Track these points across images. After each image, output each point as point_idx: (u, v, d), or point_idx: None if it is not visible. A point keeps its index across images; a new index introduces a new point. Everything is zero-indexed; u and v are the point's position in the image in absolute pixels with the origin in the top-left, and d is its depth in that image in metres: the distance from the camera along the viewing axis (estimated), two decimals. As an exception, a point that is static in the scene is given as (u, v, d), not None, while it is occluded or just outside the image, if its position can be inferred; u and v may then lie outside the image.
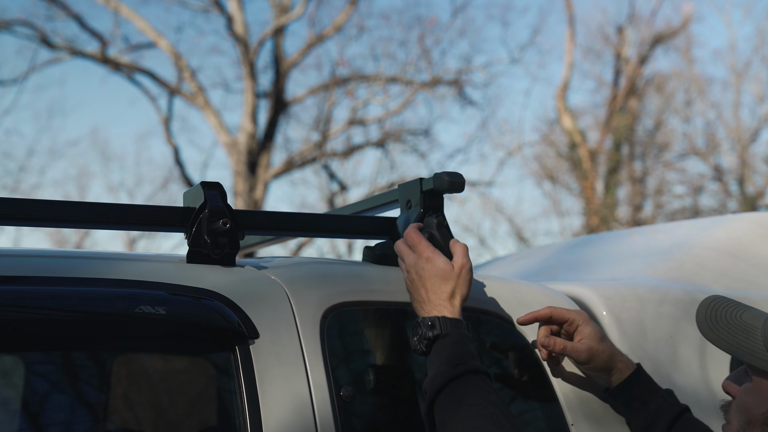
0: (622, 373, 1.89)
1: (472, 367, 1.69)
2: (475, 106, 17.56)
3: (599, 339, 1.87)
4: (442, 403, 1.67)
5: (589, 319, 1.90)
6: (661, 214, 19.89)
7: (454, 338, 1.72)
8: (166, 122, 15.94)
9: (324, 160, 16.70)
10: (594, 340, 1.87)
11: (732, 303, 1.60)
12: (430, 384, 1.70)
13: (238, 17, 15.38)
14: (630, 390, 1.89)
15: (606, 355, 1.87)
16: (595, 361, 1.87)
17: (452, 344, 1.71)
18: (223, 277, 1.74)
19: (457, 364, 1.69)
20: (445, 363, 1.69)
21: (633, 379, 1.89)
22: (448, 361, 1.69)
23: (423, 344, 1.73)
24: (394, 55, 17.05)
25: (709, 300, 1.61)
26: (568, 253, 3.19)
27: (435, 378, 1.69)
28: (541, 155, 20.65)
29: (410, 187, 1.98)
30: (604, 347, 1.87)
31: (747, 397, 1.53)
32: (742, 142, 19.40)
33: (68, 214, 1.75)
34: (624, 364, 1.89)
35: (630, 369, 1.90)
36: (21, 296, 1.57)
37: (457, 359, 1.69)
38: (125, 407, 2.10)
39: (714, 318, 1.56)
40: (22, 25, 14.93)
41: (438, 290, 1.76)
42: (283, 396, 1.66)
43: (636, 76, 19.66)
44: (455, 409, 1.64)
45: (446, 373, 1.68)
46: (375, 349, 1.90)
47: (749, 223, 2.86)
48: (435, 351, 1.72)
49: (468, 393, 1.66)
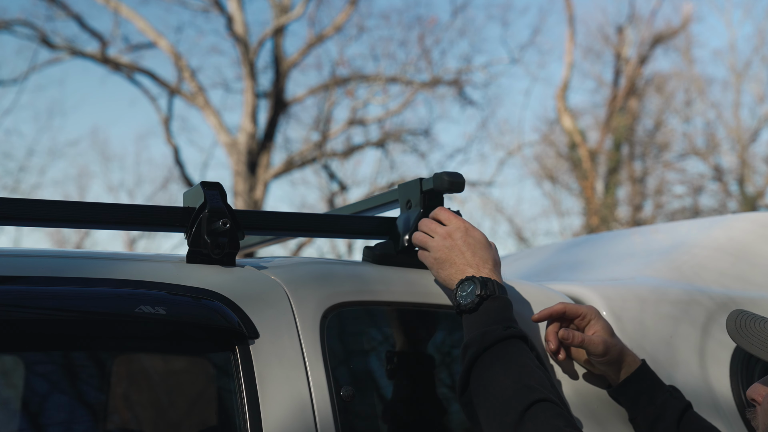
0: (629, 368, 1.91)
1: (522, 332, 1.73)
2: (475, 106, 17.58)
3: (611, 333, 1.91)
4: (490, 360, 1.69)
5: (600, 314, 1.92)
6: (661, 214, 19.90)
7: (503, 302, 1.76)
8: (166, 122, 15.95)
9: (324, 160, 16.71)
10: (607, 333, 1.90)
11: (756, 315, 1.65)
12: (479, 340, 1.71)
13: (238, 17, 15.38)
14: (637, 384, 1.90)
15: (618, 349, 1.89)
16: (610, 353, 1.88)
17: (503, 307, 1.76)
18: (223, 277, 1.74)
19: (508, 326, 1.72)
20: (495, 322, 1.72)
21: (640, 373, 1.91)
22: (499, 321, 1.73)
23: (474, 300, 1.75)
24: (394, 55, 17.07)
25: (736, 313, 1.65)
26: (568, 253, 3.19)
27: (486, 334, 1.71)
28: (541, 155, 20.67)
29: (410, 187, 1.98)
30: (616, 341, 1.90)
31: None
32: (742, 142, 19.40)
33: (68, 214, 1.75)
34: (632, 359, 1.92)
35: (636, 364, 1.92)
36: (21, 296, 1.57)
37: (507, 321, 1.73)
38: (125, 407, 2.10)
39: (743, 327, 1.60)
40: (22, 25, 14.95)
41: (484, 256, 1.82)
42: (283, 396, 1.66)
43: (636, 76, 19.67)
44: (505, 367, 1.67)
45: (499, 331, 1.71)
46: (375, 349, 1.91)
47: (749, 223, 2.86)
48: (483, 310, 1.75)
49: (520, 353, 1.69)
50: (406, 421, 1.92)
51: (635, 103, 19.94)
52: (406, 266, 1.95)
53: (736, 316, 1.63)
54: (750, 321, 1.61)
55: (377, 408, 1.89)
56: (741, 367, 2.19)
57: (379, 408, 1.90)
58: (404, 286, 1.90)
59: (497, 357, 1.69)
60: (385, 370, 1.88)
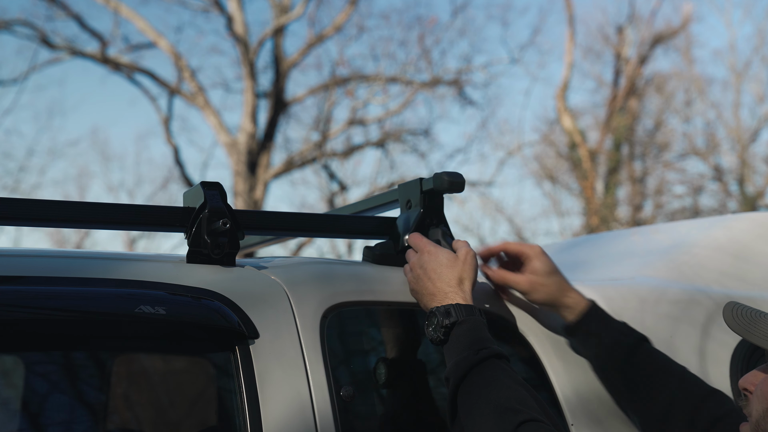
0: (575, 310, 1.92)
1: (494, 351, 1.71)
2: (475, 106, 17.57)
3: (547, 273, 1.92)
4: (468, 388, 1.67)
5: (543, 254, 1.94)
6: (661, 214, 19.90)
7: (471, 324, 1.74)
8: (166, 122, 15.95)
9: (324, 160, 16.71)
10: (541, 273, 1.91)
11: (751, 308, 1.66)
12: (454, 370, 1.70)
13: (238, 17, 15.38)
14: (586, 326, 1.92)
15: (551, 289, 1.91)
16: (538, 293, 1.91)
17: (470, 330, 1.73)
18: (223, 277, 1.74)
19: (480, 348, 1.70)
20: (466, 348, 1.71)
21: (587, 315, 1.92)
22: (469, 346, 1.71)
23: (440, 332, 1.74)
24: (394, 55, 17.06)
25: (732, 304, 1.65)
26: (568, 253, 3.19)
27: (459, 364, 1.69)
28: (541, 155, 20.66)
29: (410, 187, 1.98)
30: (550, 281, 1.91)
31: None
32: (742, 142, 19.40)
33: (68, 214, 1.75)
34: (574, 300, 1.93)
35: (582, 305, 1.93)
36: (21, 296, 1.57)
37: (478, 344, 1.71)
38: (125, 407, 2.10)
39: (740, 316, 1.61)
40: (22, 25, 14.94)
41: (445, 278, 1.79)
42: (283, 396, 1.66)
43: (636, 76, 19.66)
44: (484, 393, 1.65)
45: (470, 357, 1.69)
46: (375, 349, 1.91)
47: (749, 223, 2.86)
48: (453, 338, 1.73)
49: (495, 376, 1.67)
50: (406, 421, 1.92)
51: (635, 103, 19.94)
52: (406, 266, 1.95)
53: (732, 308, 1.64)
54: (747, 311, 1.62)
55: (377, 408, 1.89)
56: (741, 367, 2.19)
57: (379, 408, 1.90)
58: (404, 286, 1.90)
59: (475, 384, 1.67)
60: (385, 370, 1.88)
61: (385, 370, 1.87)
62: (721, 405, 1.83)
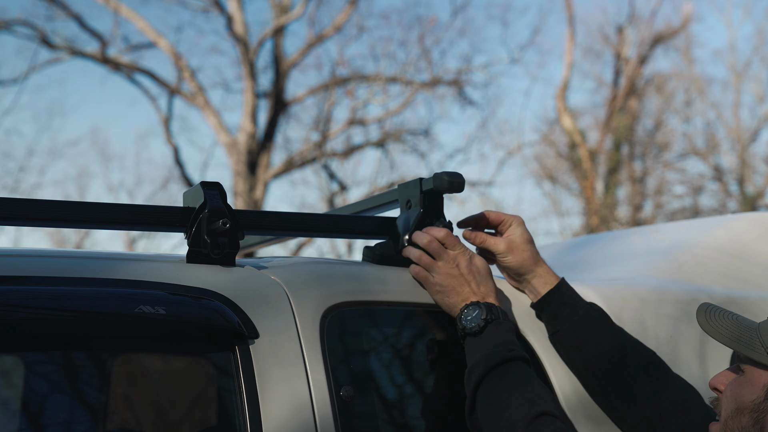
0: (549, 283, 1.98)
1: (524, 355, 1.81)
2: (475, 106, 17.56)
3: (524, 241, 1.98)
4: (495, 381, 1.75)
5: (523, 223, 2.00)
6: (661, 214, 19.90)
7: (506, 326, 1.84)
8: (166, 122, 15.94)
9: (324, 160, 16.70)
10: (518, 239, 1.97)
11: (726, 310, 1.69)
12: (484, 360, 1.77)
13: (238, 17, 15.38)
14: (560, 296, 1.97)
15: (526, 255, 1.97)
16: (514, 256, 1.96)
17: (506, 331, 1.83)
18: (223, 277, 1.74)
19: (512, 349, 1.79)
20: (498, 345, 1.79)
21: (561, 288, 1.98)
22: (503, 343, 1.80)
23: (479, 323, 1.82)
24: (394, 55, 17.05)
25: (706, 304, 1.70)
26: (568, 253, 3.19)
27: (491, 356, 1.78)
28: (541, 155, 20.66)
29: (410, 187, 1.98)
30: (526, 248, 1.98)
31: (738, 387, 1.59)
32: (742, 142, 19.40)
33: (68, 214, 1.75)
34: (545, 271, 1.99)
35: (555, 279, 1.99)
36: (21, 296, 1.57)
37: (511, 344, 1.81)
38: (125, 407, 2.10)
39: (713, 316, 1.65)
40: (22, 25, 14.94)
41: (489, 286, 1.89)
42: (282, 396, 1.66)
43: (636, 76, 19.66)
44: (508, 385, 1.73)
45: (503, 353, 1.78)
46: (375, 349, 1.91)
47: (749, 223, 2.86)
48: (487, 333, 1.82)
49: (522, 374, 1.76)
50: (405, 421, 1.92)
51: (635, 103, 19.94)
52: (406, 266, 1.95)
53: (706, 308, 1.68)
54: (720, 312, 1.66)
55: (377, 408, 1.89)
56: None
57: (379, 408, 1.90)
58: (404, 286, 1.90)
59: (502, 377, 1.75)
60: (385, 370, 1.88)
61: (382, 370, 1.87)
62: (681, 392, 1.88)
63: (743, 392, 1.58)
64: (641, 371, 1.89)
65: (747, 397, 1.57)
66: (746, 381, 1.59)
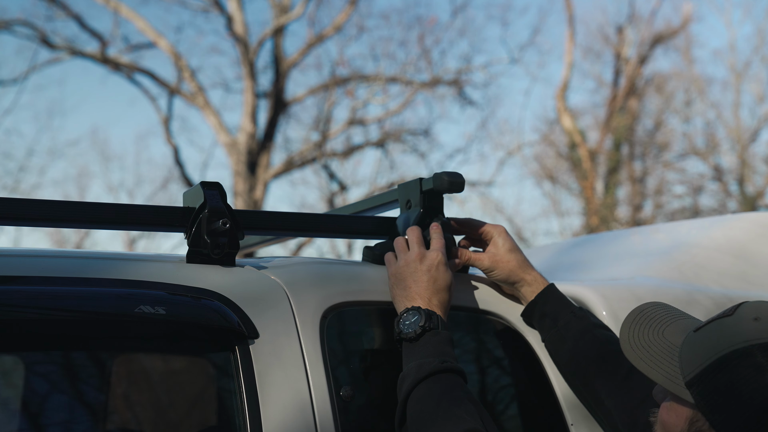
0: (532, 286, 1.96)
1: (458, 367, 1.74)
2: (475, 106, 17.57)
3: (508, 250, 1.97)
4: (425, 392, 1.70)
5: (505, 232, 1.99)
6: (661, 214, 19.90)
7: (445, 337, 1.77)
8: (166, 122, 15.94)
9: (324, 160, 16.70)
10: (501, 250, 1.96)
11: (658, 315, 1.58)
12: (415, 370, 1.72)
13: (237, 17, 15.38)
14: (542, 306, 1.94)
15: (512, 265, 1.95)
16: (500, 269, 1.96)
17: (442, 342, 1.77)
18: (223, 277, 1.74)
19: (445, 360, 1.73)
20: (432, 355, 1.74)
21: (545, 295, 1.95)
22: (437, 353, 1.74)
23: (415, 330, 1.76)
24: (394, 55, 17.06)
25: (635, 313, 1.59)
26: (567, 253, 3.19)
27: (422, 366, 1.72)
28: (540, 155, 20.67)
29: (410, 187, 1.98)
30: (511, 257, 1.96)
31: (666, 415, 1.52)
32: (742, 142, 19.40)
33: (68, 214, 1.75)
34: (533, 279, 1.96)
35: (542, 286, 1.96)
36: (21, 296, 1.57)
37: (446, 355, 1.75)
38: (125, 407, 2.10)
39: (637, 337, 1.55)
40: (22, 25, 14.94)
41: (440, 296, 1.83)
42: (282, 396, 1.66)
43: (636, 76, 19.67)
44: (437, 398, 1.68)
45: (436, 364, 1.72)
46: (375, 349, 1.91)
47: (749, 223, 2.86)
48: (423, 342, 1.76)
49: (453, 387, 1.70)
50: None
51: (635, 103, 19.94)
52: (406, 266, 1.95)
53: (633, 320, 1.57)
54: (647, 326, 1.55)
55: (377, 408, 1.89)
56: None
57: (379, 408, 1.90)
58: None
59: (431, 389, 1.69)
60: (385, 370, 1.88)
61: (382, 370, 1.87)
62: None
63: (670, 420, 1.50)
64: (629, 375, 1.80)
65: (673, 428, 1.49)
66: (672, 409, 1.50)
